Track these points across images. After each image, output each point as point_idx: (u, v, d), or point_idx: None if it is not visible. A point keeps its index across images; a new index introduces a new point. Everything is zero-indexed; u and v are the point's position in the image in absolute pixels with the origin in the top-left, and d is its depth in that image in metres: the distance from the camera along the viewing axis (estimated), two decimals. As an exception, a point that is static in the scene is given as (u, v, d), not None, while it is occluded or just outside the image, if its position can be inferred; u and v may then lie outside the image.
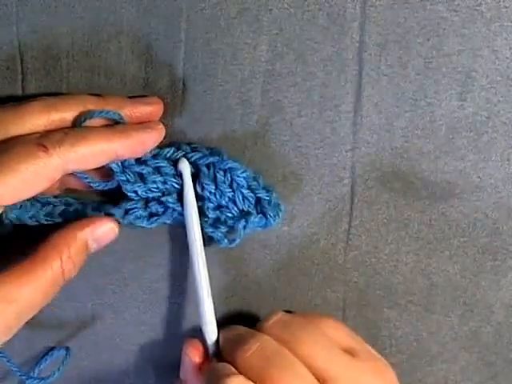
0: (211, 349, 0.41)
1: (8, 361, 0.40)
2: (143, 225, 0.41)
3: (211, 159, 0.40)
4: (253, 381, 0.35)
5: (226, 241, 0.41)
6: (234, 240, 0.41)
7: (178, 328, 0.42)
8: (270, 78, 0.41)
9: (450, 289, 0.44)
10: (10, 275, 0.36)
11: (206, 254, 0.41)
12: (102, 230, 0.39)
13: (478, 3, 0.40)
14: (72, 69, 0.41)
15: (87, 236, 0.39)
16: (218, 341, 0.41)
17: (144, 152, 0.39)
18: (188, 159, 0.41)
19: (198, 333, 0.42)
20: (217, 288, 0.43)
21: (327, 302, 0.44)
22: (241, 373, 0.36)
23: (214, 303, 0.40)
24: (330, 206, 0.43)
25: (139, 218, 0.40)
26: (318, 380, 0.36)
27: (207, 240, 0.41)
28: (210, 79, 0.41)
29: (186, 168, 0.40)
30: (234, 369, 0.37)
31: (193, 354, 0.40)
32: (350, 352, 0.38)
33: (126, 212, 0.40)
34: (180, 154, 0.40)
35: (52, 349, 0.44)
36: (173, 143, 0.41)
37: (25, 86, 0.41)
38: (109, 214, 0.40)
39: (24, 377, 0.41)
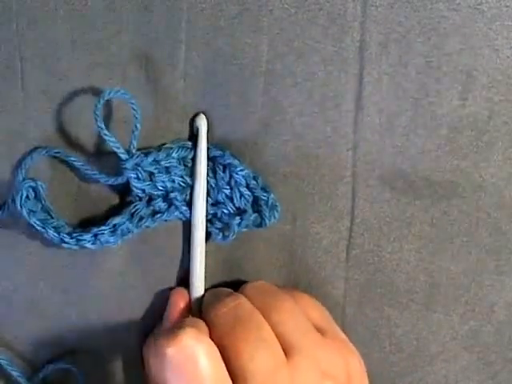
0: (195, 308, 0.41)
1: (9, 365, 0.40)
2: (147, 224, 0.40)
3: (214, 153, 0.41)
4: (219, 337, 0.36)
5: (220, 236, 0.41)
6: (227, 236, 0.41)
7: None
8: (271, 77, 0.40)
9: (452, 288, 0.44)
10: None
11: (206, 251, 0.41)
12: None
13: (478, 2, 0.39)
14: (72, 68, 0.40)
15: None
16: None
17: None
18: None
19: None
20: (217, 286, 0.43)
21: (327, 298, 0.44)
22: (210, 329, 0.36)
23: (206, 272, 0.41)
24: (331, 204, 0.43)
25: (143, 218, 0.40)
26: (283, 349, 0.36)
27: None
28: (210, 79, 0.41)
29: (203, 124, 0.40)
30: (197, 323, 0.37)
31: (176, 301, 0.41)
32: (319, 331, 0.39)
33: (132, 215, 0.40)
34: (188, 153, 0.41)
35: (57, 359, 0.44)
36: (175, 141, 0.41)
37: (24, 85, 0.41)
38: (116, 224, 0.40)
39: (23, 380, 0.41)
